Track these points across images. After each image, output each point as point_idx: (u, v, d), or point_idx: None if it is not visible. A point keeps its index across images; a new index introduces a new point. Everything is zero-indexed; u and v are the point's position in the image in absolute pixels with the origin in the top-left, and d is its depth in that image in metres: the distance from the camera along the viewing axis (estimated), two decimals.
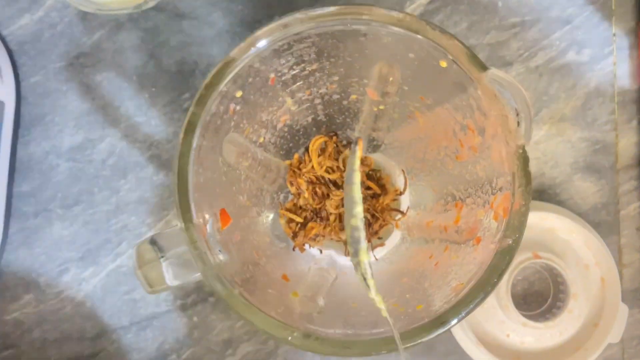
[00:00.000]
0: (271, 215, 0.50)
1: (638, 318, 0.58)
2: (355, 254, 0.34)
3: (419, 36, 0.35)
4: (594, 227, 0.57)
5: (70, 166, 0.57)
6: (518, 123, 0.34)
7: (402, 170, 0.52)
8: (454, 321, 0.33)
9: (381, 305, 0.34)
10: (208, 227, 0.37)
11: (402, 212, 0.52)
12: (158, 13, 0.57)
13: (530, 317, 0.54)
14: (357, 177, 0.33)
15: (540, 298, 0.58)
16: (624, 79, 0.58)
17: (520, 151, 0.34)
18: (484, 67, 0.34)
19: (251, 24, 0.57)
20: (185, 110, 0.57)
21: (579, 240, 0.56)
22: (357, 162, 0.33)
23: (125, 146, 0.58)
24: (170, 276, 0.37)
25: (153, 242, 0.37)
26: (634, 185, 0.58)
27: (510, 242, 0.33)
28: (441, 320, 0.33)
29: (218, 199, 0.39)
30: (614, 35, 0.58)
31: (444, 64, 0.36)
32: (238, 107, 0.39)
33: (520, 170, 0.34)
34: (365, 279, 0.33)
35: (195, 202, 0.35)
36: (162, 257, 0.37)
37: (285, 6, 0.57)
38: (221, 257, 0.36)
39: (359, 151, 0.33)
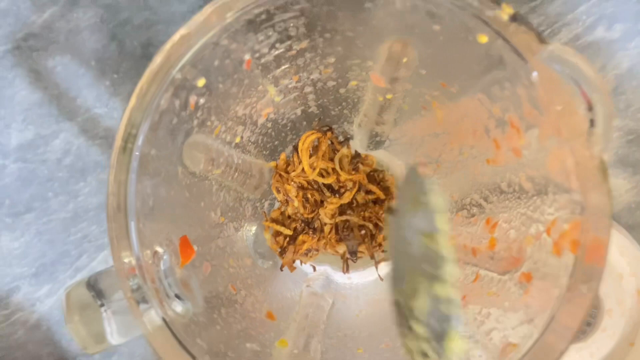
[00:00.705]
0: (253, 229, 0.38)
1: None
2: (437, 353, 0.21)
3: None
4: (628, 230, 0.47)
5: (19, 167, 0.48)
6: (591, 122, 0.22)
7: None
8: None
9: None
10: (162, 264, 0.25)
11: None
12: None
13: None
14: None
15: None
16: None
17: (597, 162, 0.22)
18: (543, 41, 0.23)
19: None
20: None
21: (612, 247, 0.45)
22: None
23: (84, 143, 0.47)
24: (114, 331, 0.26)
25: (91, 285, 0.26)
26: None
27: (585, 291, 0.22)
28: None
29: (178, 223, 0.28)
30: None
31: (483, 38, 0.24)
32: (202, 100, 0.27)
33: (596, 189, 0.22)
34: None
35: (139, 233, 0.23)
36: (103, 305, 0.25)
37: None
38: (178, 308, 0.24)
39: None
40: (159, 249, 0.25)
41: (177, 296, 0.26)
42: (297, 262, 0.40)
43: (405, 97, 0.34)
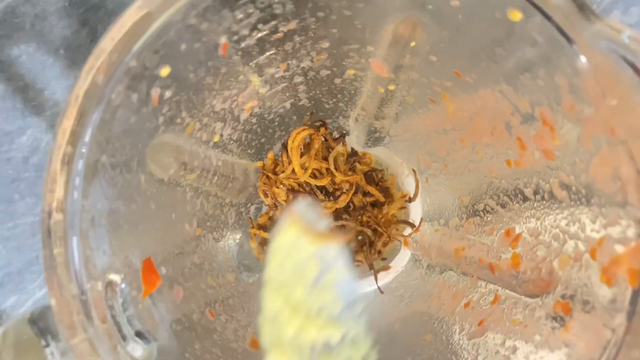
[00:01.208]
0: (237, 239, 0.33)
1: None
2: None
3: None
4: None
5: None
6: None
7: (413, 170, 0.35)
8: None
9: None
10: (119, 295, 0.19)
11: (412, 225, 0.35)
12: None
13: None
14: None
15: None
16: None
17: None
18: (594, 17, 0.17)
19: None
20: None
21: None
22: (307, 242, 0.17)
23: (53, 140, 0.40)
24: None
25: (34, 321, 0.20)
26: None
27: None
28: None
29: (140, 243, 0.22)
30: None
31: (516, 15, 0.18)
32: (168, 93, 0.21)
33: None
34: None
35: (87, 261, 0.18)
36: (48, 345, 0.20)
37: None
38: (138, 352, 0.19)
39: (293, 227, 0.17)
40: (115, 277, 0.20)
41: (138, 334, 0.20)
42: None
43: (411, 88, 0.28)
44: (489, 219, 0.28)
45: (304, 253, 0.18)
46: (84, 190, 0.18)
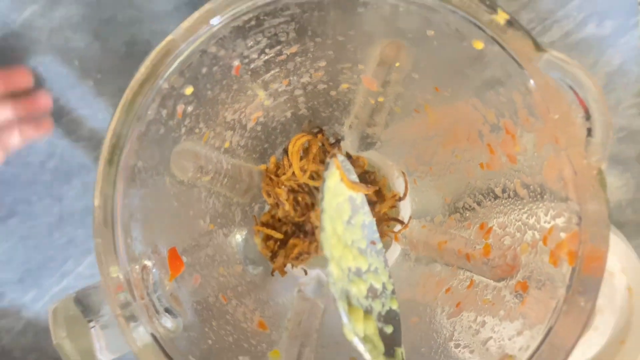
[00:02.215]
0: (243, 235, 0.38)
1: None
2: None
3: (443, 4, 0.22)
4: (619, 228, 0.48)
5: (1, 171, 0.46)
6: (589, 131, 0.22)
7: (402, 172, 0.40)
8: None
9: None
10: (150, 279, 0.24)
11: (402, 222, 0.40)
12: None
13: None
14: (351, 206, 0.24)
15: None
16: None
17: (595, 172, 0.22)
18: (539, 49, 0.22)
19: None
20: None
21: None
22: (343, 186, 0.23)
23: (68, 145, 0.47)
24: (103, 347, 0.25)
25: (78, 301, 0.25)
26: None
27: (583, 303, 0.22)
28: None
29: (166, 234, 0.27)
30: None
31: (479, 44, 0.23)
32: (190, 108, 0.26)
33: (594, 199, 0.22)
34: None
35: (127, 247, 0.23)
36: (91, 321, 0.25)
37: None
38: (168, 323, 0.24)
39: (337, 171, 0.23)
40: (148, 263, 0.25)
41: (167, 311, 0.25)
42: (288, 266, 0.40)
43: (397, 100, 0.33)
44: (467, 215, 0.33)
45: (342, 196, 0.24)
46: (124, 190, 0.23)
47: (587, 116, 0.22)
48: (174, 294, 0.26)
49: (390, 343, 0.24)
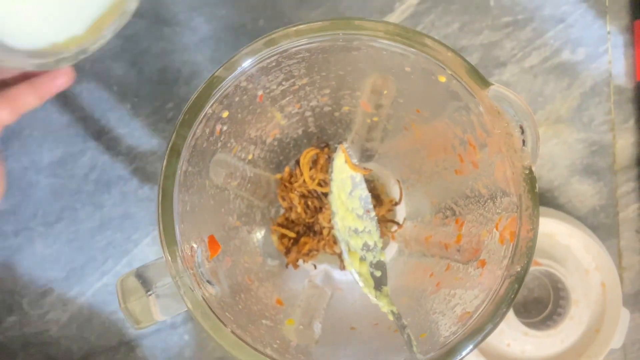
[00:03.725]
0: (262, 233, 0.47)
1: (639, 322, 0.57)
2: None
3: (414, 50, 0.32)
4: (593, 231, 0.56)
5: (50, 182, 0.56)
6: (524, 142, 0.32)
7: (397, 180, 0.50)
8: (462, 354, 0.31)
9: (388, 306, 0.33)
10: (196, 257, 0.34)
11: (398, 224, 0.50)
12: (138, 20, 0.54)
13: (530, 325, 0.52)
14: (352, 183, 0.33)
15: (541, 305, 0.56)
16: (619, 77, 0.57)
17: (527, 172, 0.31)
18: (486, 83, 0.32)
19: (236, 29, 0.54)
20: (169, 120, 0.54)
21: (579, 245, 0.54)
22: (346, 167, 0.33)
23: (108, 159, 0.55)
24: (158, 311, 0.34)
25: (138, 275, 0.35)
26: (632, 187, 0.57)
27: (519, 269, 0.31)
28: (449, 354, 0.31)
29: (206, 225, 0.37)
30: (609, 33, 0.57)
31: (442, 78, 0.33)
32: (225, 127, 0.36)
33: (527, 192, 0.31)
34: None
35: (181, 232, 0.32)
36: (149, 290, 0.34)
37: (270, 9, 0.54)
38: (211, 289, 0.33)
39: (343, 154, 0.32)
40: (194, 245, 0.34)
41: (208, 282, 0.35)
42: (300, 261, 0.49)
43: (389, 119, 0.43)
44: (447, 213, 0.43)
45: (345, 174, 0.35)
46: (179, 187, 0.33)
47: (522, 131, 0.32)
48: (213, 270, 0.35)
49: (379, 282, 0.33)
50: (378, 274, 0.34)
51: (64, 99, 0.55)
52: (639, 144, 0.56)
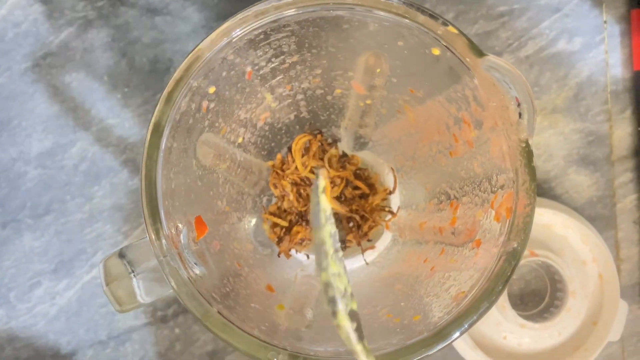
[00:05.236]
0: (253, 221, 0.46)
1: (638, 314, 0.55)
2: (333, 315, 0.26)
3: (407, 21, 0.31)
4: (590, 222, 0.54)
5: (39, 173, 0.54)
6: (520, 114, 0.30)
7: (392, 169, 0.48)
8: (457, 334, 0.29)
9: None
10: (182, 237, 0.32)
11: (392, 213, 0.48)
12: (129, 9, 0.53)
13: (527, 317, 0.51)
14: (324, 216, 0.27)
15: (537, 297, 0.54)
16: (616, 67, 0.55)
17: (524, 145, 0.30)
18: (480, 53, 0.31)
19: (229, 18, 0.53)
20: None
21: (576, 236, 0.53)
22: (323, 197, 0.27)
23: (98, 150, 0.54)
24: (142, 292, 0.33)
25: (122, 255, 0.33)
26: (629, 177, 0.55)
27: (516, 245, 0.29)
28: (442, 334, 0.29)
29: (193, 205, 0.35)
30: (605, 22, 0.55)
31: (436, 51, 0.32)
32: (212, 105, 0.34)
33: (523, 166, 0.30)
34: (351, 342, 0.27)
35: (165, 210, 0.31)
36: (133, 272, 0.33)
37: None
38: (197, 271, 0.32)
39: (324, 181, 0.27)
40: (180, 225, 0.33)
41: (195, 263, 0.33)
42: (293, 250, 0.47)
43: (382, 102, 0.41)
44: (442, 198, 0.41)
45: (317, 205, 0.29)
46: (163, 165, 0.31)
47: (518, 103, 0.30)
48: (200, 252, 0.34)
49: (360, 336, 0.28)
50: (354, 325, 0.28)
51: (54, 89, 0.53)
52: (636, 134, 0.55)
